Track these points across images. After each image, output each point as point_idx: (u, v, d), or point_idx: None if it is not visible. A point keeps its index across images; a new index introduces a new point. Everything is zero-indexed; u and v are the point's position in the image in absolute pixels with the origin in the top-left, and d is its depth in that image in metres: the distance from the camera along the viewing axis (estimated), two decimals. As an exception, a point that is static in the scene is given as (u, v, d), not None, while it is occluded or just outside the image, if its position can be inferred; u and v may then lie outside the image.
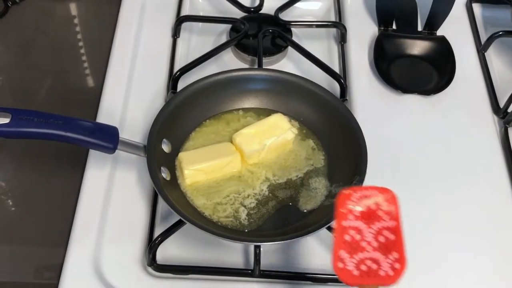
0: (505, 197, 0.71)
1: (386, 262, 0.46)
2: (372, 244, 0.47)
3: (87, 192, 0.68)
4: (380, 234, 0.47)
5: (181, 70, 0.78)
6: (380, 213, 0.48)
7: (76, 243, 0.64)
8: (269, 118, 0.71)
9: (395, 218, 0.48)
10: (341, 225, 0.48)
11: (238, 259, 0.65)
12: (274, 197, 0.67)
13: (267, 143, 0.69)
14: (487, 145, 0.76)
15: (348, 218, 0.48)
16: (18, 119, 0.56)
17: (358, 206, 0.49)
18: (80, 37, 0.88)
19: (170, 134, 0.69)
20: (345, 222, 0.48)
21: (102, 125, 0.63)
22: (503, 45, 0.87)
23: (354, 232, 0.48)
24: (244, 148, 0.68)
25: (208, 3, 0.93)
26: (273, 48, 0.85)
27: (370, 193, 0.49)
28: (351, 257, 0.47)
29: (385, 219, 0.48)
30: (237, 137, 0.69)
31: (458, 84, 0.80)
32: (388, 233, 0.47)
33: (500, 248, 0.66)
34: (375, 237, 0.47)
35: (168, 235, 0.63)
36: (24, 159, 0.74)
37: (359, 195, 0.49)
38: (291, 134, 0.70)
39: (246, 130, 0.70)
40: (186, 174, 0.66)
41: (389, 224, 0.48)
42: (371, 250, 0.47)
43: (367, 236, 0.47)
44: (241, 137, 0.69)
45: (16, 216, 0.70)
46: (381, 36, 0.86)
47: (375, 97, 0.80)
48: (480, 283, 0.64)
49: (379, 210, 0.48)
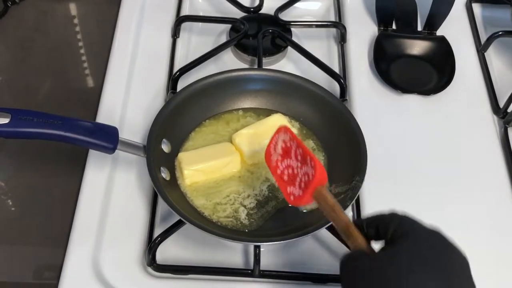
0: (505, 197, 0.71)
1: (310, 168, 0.55)
2: (298, 167, 0.57)
3: (87, 192, 0.68)
4: (296, 156, 0.57)
5: (180, 70, 0.78)
6: (288, 144, 0.59)
7: (76, 243, 0.64)
8: (269, 118, 0.71)
9: (293, 138, 0.58)
10: (277, 173, 0.60)
11: (238, 259, 0.65)
12: (274, 197, 0.67)
13: (266, 142, 0.68)
14: (487, 145, 0.76)
15: (279, 166, 0.60)
16: (17, 119, 0.56)
17: (277, 153, 0.60)
18: (80, 37, 0.88)
19: (169, 134, 0.69)
20: (278, 170, 0.60)
21: (102, 125, 0.63)
22: (503, 45, 0.87)
23: (286, 171, 0.59)
24: (244, 149, 0.68)
25: (208, 3, 0.93)
26: (273, 48, 0.85)
27: (275, 139, 0.61)
28: (294, 186, 0.57)
29: (292, 145, 0.58)
30: (237, 137, 0.69)
31: (458, 84, 0.81)
32: (299, 151, 0.57)
33: (500, 248, 0.66)
34: (296, 160, 0.57)
35: (168, 235, 0.63)
36: (24, 159, 0.74)
37: (273, 146, 0.61)
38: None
39: (245, 130, 0.70)
40: (186, 174, 0.66)
41: (295, 145, 0.58)
42: (299, 169, 0.56)
43: (293, 164, 0.58)
44: (241, 138, 0.69)
45: (16, 216, 0.69)
46: (381, 36, 0.86)
47: (375, 97, 0.80)
48: (480, 283, 0.64)
49: (287, 143, 0.59)
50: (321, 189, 0.53)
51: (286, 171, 0.59)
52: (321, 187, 0.53)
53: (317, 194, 0.53)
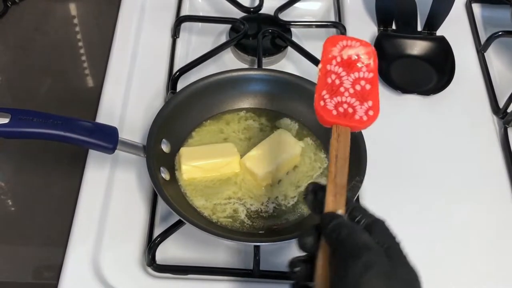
0: (505, 197, 0.71)
1: (361, 108, 0.49)
2: (349, 91, 0.50)
3: (86, 192, 0.68)
4: (357, 83, 0.50)
5: (180, 70, 0.78)
6: (359, 65, 0.52)
7: (76, 243, 0.64)
8: (273, 135, 0.69)
9: (373, 70, 0.51)
10: (326, 68, 0.51)
11: (238, 259, 0.65)
12: (274, 199, 0.67)
13: (278, 161, 0.67)
14: (487, 145, 0.76)
15: (331, 63, 0.52)
16: (17, 119, 0.56)
17: (341, 54, 0.53)
18: (79, 37, 0.88)
19: (169, 134, 0.69)
20: (329, 65, 0.52)
21: (102, 125, 0.63)
22: (502, 45, 0.87)
23: (335, 76, 0.51)
24: (257, 171, 0.66)
25: (208, 3, 0.93)
26: (273, 48, 0.85)
27: (353, 44, 0.53)
28: (331, 98, 0.50)
29: (364, 71, 0.51)
30: (247, 161, 0.67)
31: (458, 84, 0.80)
32: (365, 83, 0.50)
33: (500, 248, 0.67)
34: (353, 85, 0.50)
35: (168, 235, 0.63)
36: (23, 159, 0.74)
37: (343, 44, 0.53)
38: (299, 148, 0.69)
39: (253, 152, 0.68)
40: (184, 169, 0.66)
41: (367, 75, 0.51)
42: (349, 96, 0.50)
43: (346, 83, 0.50)
44: (252, 161, 0.67)
45: (16, 216, 0.69)
46: (381, 36, 0.86)
47: (375, 97, 0.80)
48: (480, 283, 0.64)
49: (359, 61, 0.52)
50: (348, 132, 0.48)
51: (334, 76, 0.51)
52: (351, 132, 0.49)
53: (344, 132, 0.48)
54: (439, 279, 0.64)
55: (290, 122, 0.74)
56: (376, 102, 0.50)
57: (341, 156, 0.47)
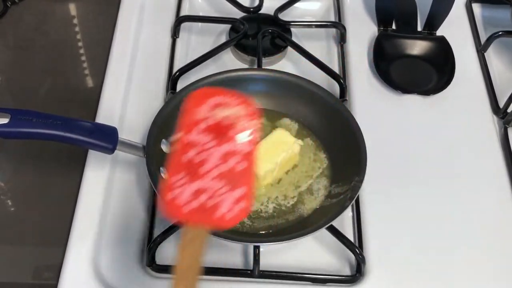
0: (505, 197, 0.71)
1: (227, 199, 0.36)
2: (213, 173, 0.36)
3: (86, 193, 0.68)
4: (228, 159, 0.36)
5: (180, 70, 0.78)
6: (234, 132, 0.37)
7: (76, 243, 0.64)
8: (271, 135, 0.69)
9: (253, 141, 0.37)
10: (186, 138, 0.36)
11: (238, 259, 0.65)
12: (274, 199, 0.67)
13: (278, 160, 0.67)
14: (487, 145, 0.76)
15: (196, 130, 0.36)
16: (17, 119, 0.56)
17: (213, 115, 0.36)
18: (79, 37, 0.88)
19: (169, 135, 0.69)
20: (191, 134, 0.36)
21: (101, 126, 0.62)
22: (502, 45, 0.87)
23: (198, 150, 0.36)
24: (257, 171, 0.65)
25: (208, 3, 0.93)
26: (273, 48, 0.85)
27: (229, 101, 0.38)
28: (188, 184, 0.36)
29: (239, 141, 0.36)
30: None
31: (458, 84, 0.80)
32: (239, 160, 0.36)
33: (500, 248, 0.66)
34: (222, 162, 0.36)
35: (168, 235, 0.63)
36: (23, 159, 0.73)
37: (216, 102, 0.38)
38: (298, 146, 0.69)
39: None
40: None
41: (243, 148, 0.36)
42: (212, 180, 0.36)
43: (211, 160, 0.36)
44: None
45: (15, 216, 0.69)
46: (381, 36, 0.86)
47: (375, 97, 0.80)
48: (480, 283, 0.64)
49: (235, 127, 0.37)
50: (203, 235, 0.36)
51: (194, 151, 0.37)
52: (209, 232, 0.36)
53: (198, 236, 0.36)
54: (439, 279, 0.63)
55: (290, 122, 0.74)
56: (250, 188, 0.36)
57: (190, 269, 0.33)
